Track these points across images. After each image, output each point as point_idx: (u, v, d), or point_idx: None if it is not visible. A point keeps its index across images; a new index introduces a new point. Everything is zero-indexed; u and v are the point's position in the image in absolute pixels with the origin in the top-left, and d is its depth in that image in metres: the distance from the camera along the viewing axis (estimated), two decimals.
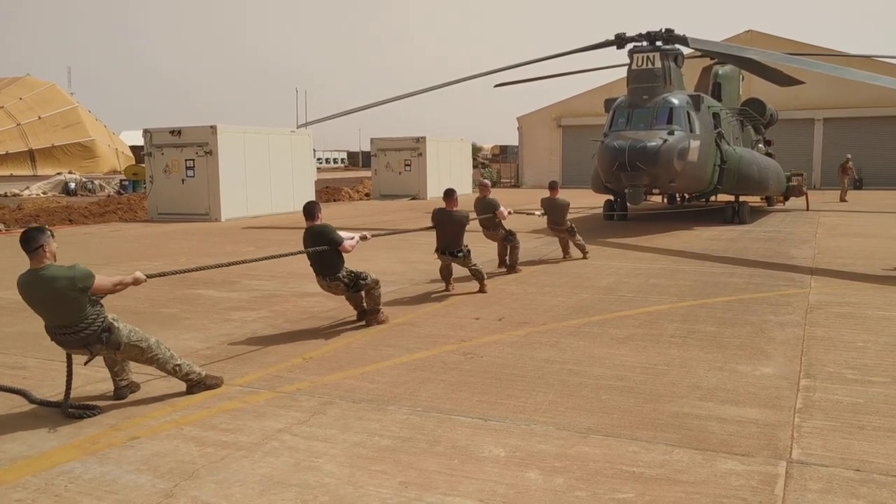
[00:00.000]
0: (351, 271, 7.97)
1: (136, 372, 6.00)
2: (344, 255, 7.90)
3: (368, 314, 8.15)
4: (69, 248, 15.79)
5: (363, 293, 8.07)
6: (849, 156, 30.43)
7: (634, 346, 7.09)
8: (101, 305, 5.40)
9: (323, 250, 7.76)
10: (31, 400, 5.51)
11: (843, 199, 27.85)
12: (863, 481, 4.12)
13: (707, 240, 16.00)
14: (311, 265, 8.06)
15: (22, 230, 5.50)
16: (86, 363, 5.52)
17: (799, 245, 14.87)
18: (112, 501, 4.00)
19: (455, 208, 9.79)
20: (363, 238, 8.47)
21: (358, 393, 5.79)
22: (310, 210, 7.92)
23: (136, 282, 5.64)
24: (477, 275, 9.95)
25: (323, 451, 4.63)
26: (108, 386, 5.83)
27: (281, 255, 8.49)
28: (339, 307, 8.83)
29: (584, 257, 12.95)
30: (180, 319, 8.63)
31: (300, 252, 8.01)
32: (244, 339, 7.61)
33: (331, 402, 5.57)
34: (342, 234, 7.90)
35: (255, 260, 8.22)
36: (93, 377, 6.10)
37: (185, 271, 7.21)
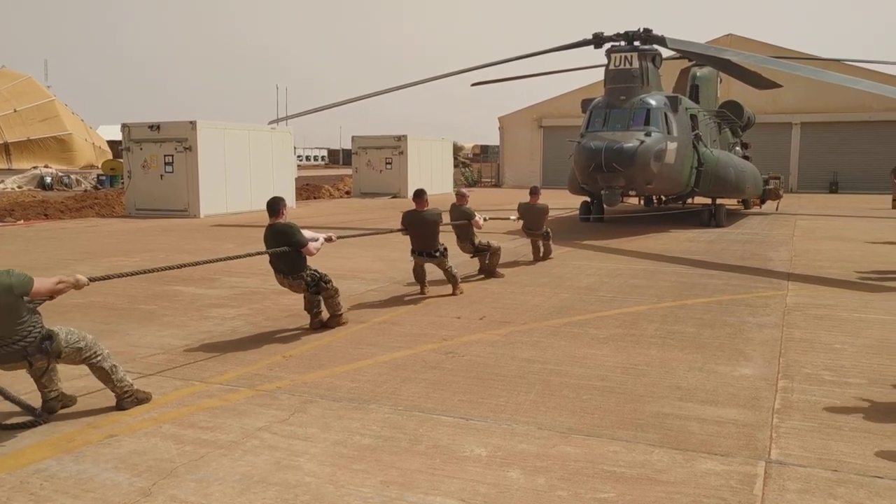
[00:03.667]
0: (315, 271, 7.72)
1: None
2: (308, 257, 7.62)
3: (330, 317, 7.87)
4: (45, 244, 15.60)
5: (322, 298, 7.78)
6: None
7: (615, 347, 7.12)
8: (38, 313, 5.01)
9: (285, 249, 7.46)
10: (6, 397, 5.40)
11: None
12: (840, 481, 4.16)
13: (686, 241, 16.11)
14: (270, 262, 7.76)
15: None
16: (40, 378, 5.12)
17: (776, 247, 15.01)
18: (89, 500, 3.94)
19: (426, 208, 9.58)
20: (328, 239, 8.12)
21: (339, 392, 5.76)
22: (274, 206, 7.56)
23: (78, 285, 5.21)
24: (452, 278, 9.73)
25: (303, 450, 4.60)
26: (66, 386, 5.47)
27: (238, 257, 7.91)
28: None
29: (546, 258, 12.86)
30: (159, 316, 8.54)
31: (260, 253, 7.63)
32: (224, 337, 7.55)
33: (311, 401, 5.53)
34: (307, 233, 7.61)
35: (209, 261, 7.59)
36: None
37: (131, 274, 6.57)
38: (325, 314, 7.92)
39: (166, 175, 22.38)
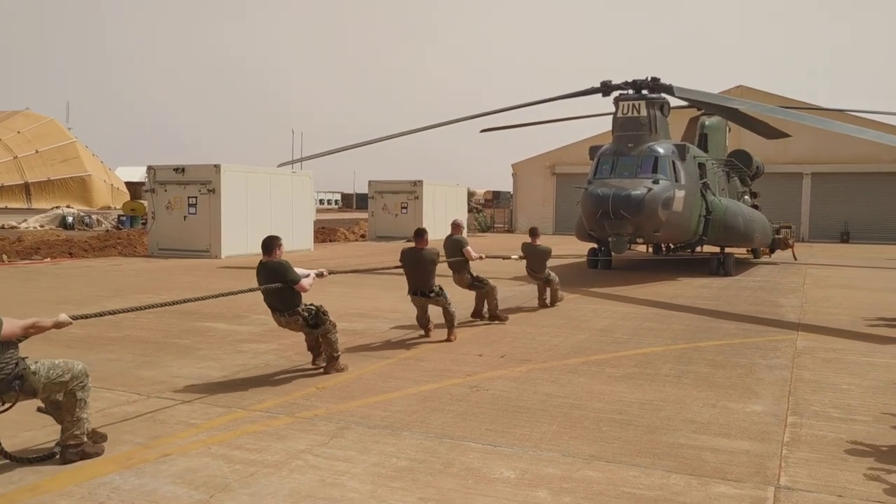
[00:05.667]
0: (310, 305, 7.73)
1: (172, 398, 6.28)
2: (302, 293, 7.58)
3: (327, 361, 7.84)
4: (74, 280, 16.10)
5: (320, 335, 7.77)
6: None
7: (632, 384, 7.47)
8: (15, 349, 4.88)
9: (279, 287, 7.44)
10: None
11: None
12: None
13: (697, 287, 16.43)
14: (264, 300, 7.75)
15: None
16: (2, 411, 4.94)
17: (787, 294, 15.34)
18: None
19: (425, 247, 9.62)
20: (319, 275, 8.14)
21: (372, 420, 6.13)
22: (268, 245, 7.55)
23: (59, 325, 5.16)
24: (450, 318, 9.63)
25: (345, 470, 4.97)
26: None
27: (232, 293, 7.90)
28: (346, 341, 9.15)
29: (553, 304, 12.89)
30: (194, 350, 8.95)
31: (253, 289, 7.62)
32: (258, 370, 7.94)
33: (347, 427, 5.91)
34: (299, 270, 7.61)
35: (198, 299, 7.66)
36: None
37: (117, 312, 6.49)
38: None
39: (189, 216, 22.99)
